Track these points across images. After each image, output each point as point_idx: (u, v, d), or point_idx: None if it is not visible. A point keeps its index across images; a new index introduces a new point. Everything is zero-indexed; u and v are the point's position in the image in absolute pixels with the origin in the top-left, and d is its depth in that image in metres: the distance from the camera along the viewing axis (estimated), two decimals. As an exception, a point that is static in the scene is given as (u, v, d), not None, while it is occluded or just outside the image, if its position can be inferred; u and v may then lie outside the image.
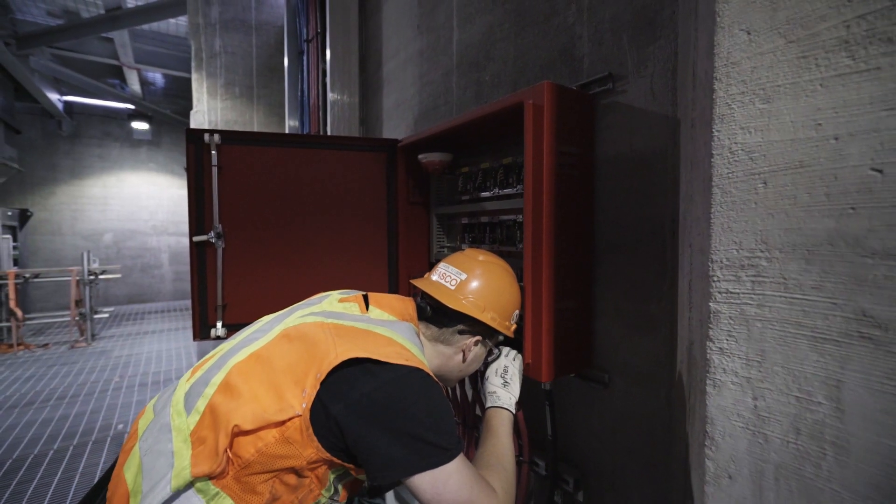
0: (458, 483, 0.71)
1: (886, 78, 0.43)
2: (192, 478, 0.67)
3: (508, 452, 0.88)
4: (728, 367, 0.57)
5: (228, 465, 0.69)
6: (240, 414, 0.68)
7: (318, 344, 0.76)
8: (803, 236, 0.49)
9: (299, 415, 0.69)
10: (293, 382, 0.72)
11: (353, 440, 0.70)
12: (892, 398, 0.43)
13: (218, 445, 0.67)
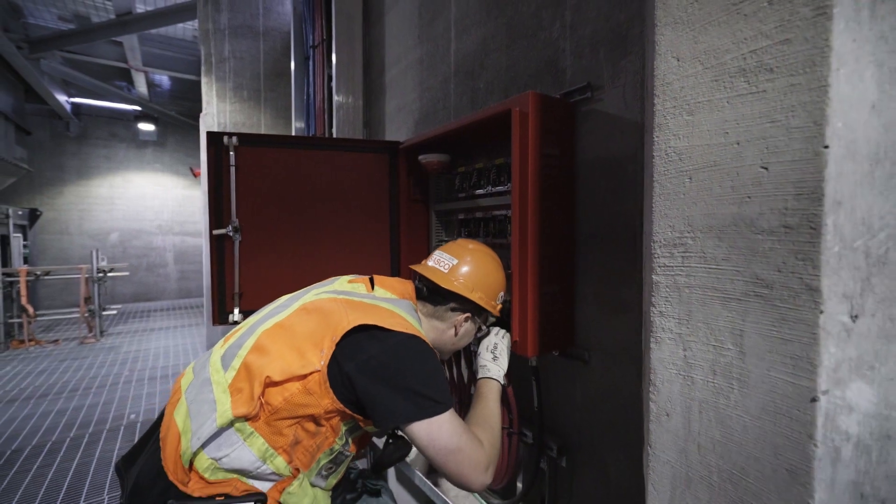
0: (449, 431, 0.85)
1: (769, 98, 0.57)
2: (233, 417, 0.81)
3: (495, 415, 1.02)
4: (665, 326, 0.70)
5: (261, 410, 0.83)
6: (270, 368, 0.83)
7: (333, 314, 0.90)
8: (716, 220, 0.63)
9: (318, 370, 0.83)
10: (313, 345, 0.86)
11: (362, 393, 0.84)
12: (776, 340, 0.57)
13: (253, 393, 0.82)
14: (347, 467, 1.20)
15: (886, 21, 0.52)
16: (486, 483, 0.89)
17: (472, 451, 0.87)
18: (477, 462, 0.86)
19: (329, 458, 0.93)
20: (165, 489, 0.83)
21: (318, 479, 0.94)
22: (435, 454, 0.84)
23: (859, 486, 0.55)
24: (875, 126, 0.53)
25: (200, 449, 0.83)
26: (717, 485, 0.64)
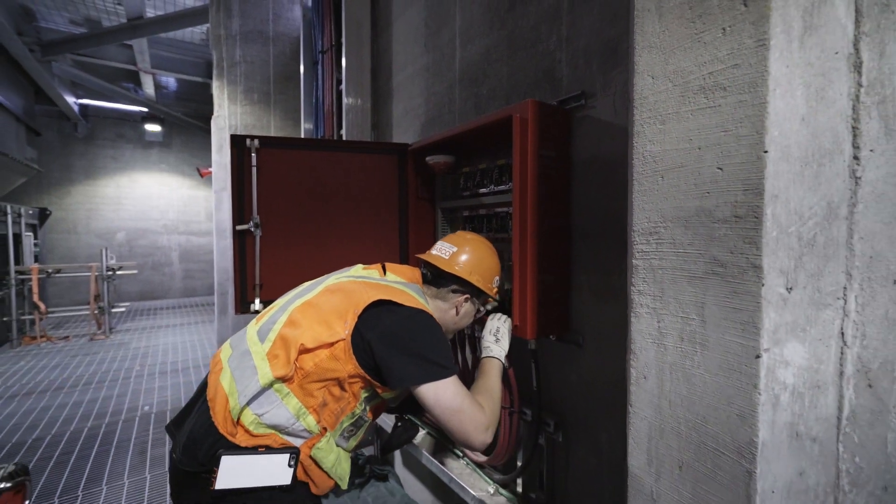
0: (452, 394, 0.98)
1: (723, 112, 0.69)
2: (273, 379, 0.94)
3: (496, 386, 1.15)
4: (643, 302, 0.83)
5: (295, 373, 0.96)
6: (304, 337, 0.96)
7: (354, 293, 1.03)
8: (683, 211, 0.76)
9: (343, 339, 0.97)
10: (338, 317, 0.99)
11: (379, 359, 0.97)
12: (729, 310, 0.70)
13: (289, 358, 0.95)
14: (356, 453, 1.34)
15: (812, 51, 0.65)
16: (486, 442, 1.01)
17: (474, 413, 1.00)
18: (478, 422, 0.99)
19: (351, 421, 1.06)
20: (216, 440, 0.95)
21: (342, 440, 1.07)
22: (440, 413, 0.97)
23: (795, 426, 0.68)
24: (804, 134, 0.66)
25: (246, 406, 0.96)
26: (684, 433, 0.77)
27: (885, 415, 0.69)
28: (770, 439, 0.67)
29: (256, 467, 0.95)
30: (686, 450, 0.76)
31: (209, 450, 0.95)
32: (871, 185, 0.66)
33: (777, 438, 0.67)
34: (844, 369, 0.68)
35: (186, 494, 1.00)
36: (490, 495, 1.67)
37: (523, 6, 1.64)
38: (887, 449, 0.69)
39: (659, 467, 0.81)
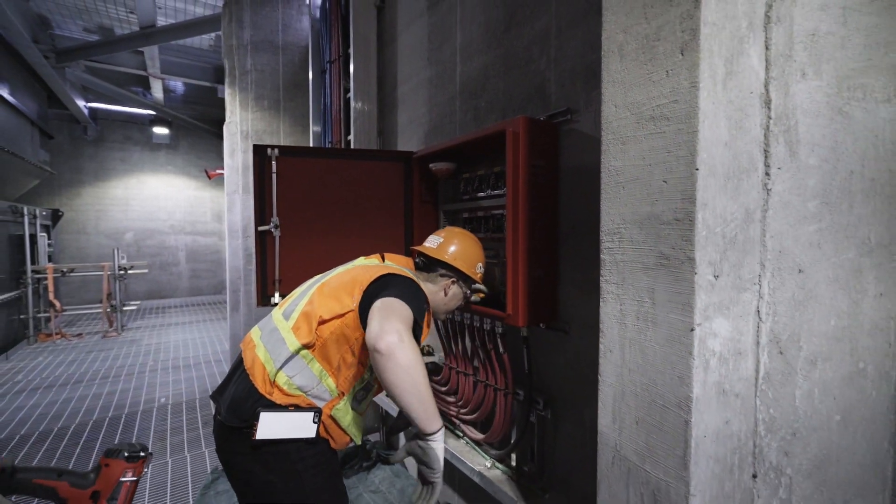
0: (399, 304, 1.12)
1: (667, 137, 0.88)
2: (300, 345, 1.14)
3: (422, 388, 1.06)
4: (609, 290, 1.02)
5: (316, 341, 1.16)
6: (321, 311, 1.17)
7: (360, 274, 1.25)
8: (638, 215, 0.94)
9: (353, 309, 1.16)
10: (347, 293, 1.19)
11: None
12: (672, 293, 0.88)
13: (311, 328, 1.15)
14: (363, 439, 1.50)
15: (733, 91, 0.83)
16: (389, 344, 1.03)
17: (400, 322, 1.07)
18: (397, 329, 1.04)
19: (361, 385, 1.25)
20: (257, 400, 1.14)
21: (355, 403, 1.26)
22: (379, 307, 1.09)
23: (721, 385, 0.86)
24: (727, 156, 0.84)
25: (280, 369, 1.15)
26: (640, 394, 0.95)
27: (792, 376, 0.87)
28: (702, 395, 0.85)
29: (288, 422, 1.13)
30: (641, 408, 0.94)
31: (251, 408, 1.13)
32: (778, 195, 0.84)
33: (707, 394, 0.85)
34: (760, 340, 0.86)
35: (229, 447, 1.18)
36: (487, 469, 1.86)
37: (518, 29, 1.83)
38: (795, 402, 0.87)
39: (621, 423, 0.99)
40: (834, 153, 0.86)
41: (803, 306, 0.86)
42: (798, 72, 0.83)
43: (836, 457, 0.90)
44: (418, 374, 1.06)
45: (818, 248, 0.86)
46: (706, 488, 0.86)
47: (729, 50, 0.82)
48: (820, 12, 0.83)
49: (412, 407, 1.08)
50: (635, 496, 0.96)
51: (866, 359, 0.90)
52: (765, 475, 0.87)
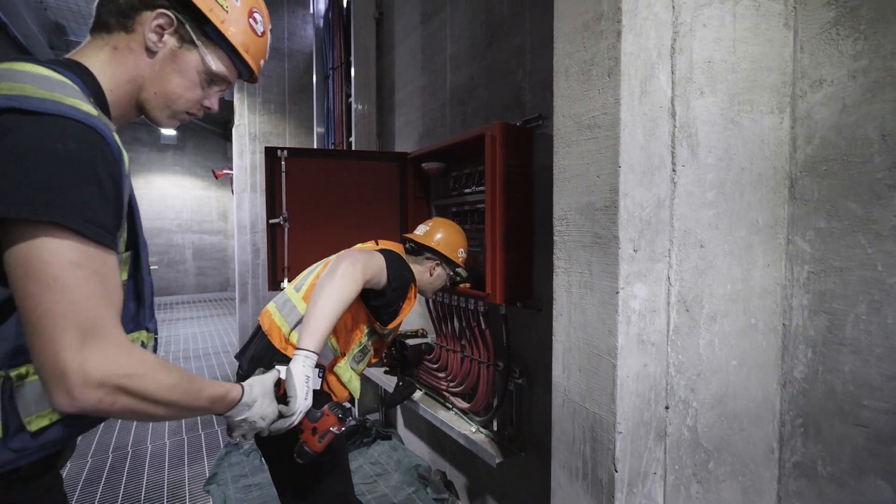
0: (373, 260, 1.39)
1: (599, 141, 1.11)
2: None
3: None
4: (559, 265, 1.25)
5: None
6: None
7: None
8: (580, 204, 1.17)
9: None
10: None
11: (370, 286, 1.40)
12: (603, 265, 1.11)
13: None
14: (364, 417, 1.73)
15: (646, 106, 1.06)
16: (345, 261, 1.29)
17: (366, 262, 1.33)
18: (358, 260, 1.31)
19: (359, 348, 1.48)
20: (274, 354, 1.37)
21: (354, 363, 1.49)
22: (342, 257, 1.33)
23: (640, 336, 1.09)
24: (643, 156, 1.07)
25: (293, 330, 1.39)
26: (581, 347, 1.18)
27: (696, 329, 1.10)
28: (626, 344, 1.08)
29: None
30: (582, 358, 1.18)
31: (269, 361, 1.37)
32: (683, 187, 1.07)
33: (630, 344, 1.09)
34: (670, 300, 1.09)
35: None
36: (472, 433, 2.10)
37: (498, 44, 2.07)
38: (699, 350, 1.10)
39: (568, 373, 1.23)
40: (727, 154, 1.09)
41: (704, 274, 1.10)
42: (697, 91, 1.07)
43: (733, 393, 1.13)
44: (334, 293, 1.21)
45: (716, 228, 1.09)
46: (629, 418, 1.09)
47: (643, 74, 1.05)
48: (714, 44, 1.07)
49: (309, 313, 1.22)
50: (579, 430, 1.20)
51: (757, 316, 1.14)
52: (675, 407, 1.10)
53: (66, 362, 0.55)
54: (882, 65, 0.95)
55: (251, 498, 2.48)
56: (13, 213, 0.54)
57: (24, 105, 0.56)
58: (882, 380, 0.96)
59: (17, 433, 0.61)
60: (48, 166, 0.55)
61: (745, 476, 1.15)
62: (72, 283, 0.56)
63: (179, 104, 0.83)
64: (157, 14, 0.76)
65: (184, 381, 0.70)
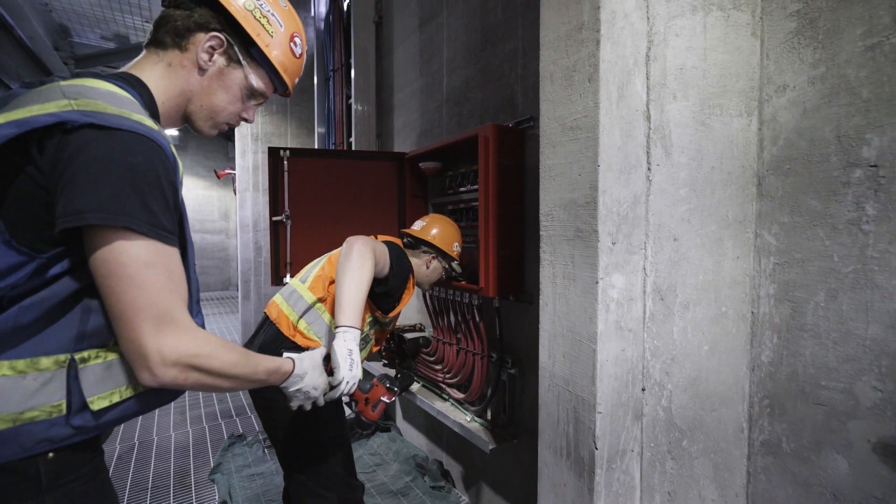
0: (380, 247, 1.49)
1: (580, 142, 1.19)
2: (315, 299, 1.46)
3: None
4: (545, 258, 1.34)
5: (328, 296, 1.48)
6: (331, 274, 1.49)
7: None
8: (564, 201, 1.26)
9: None
10: None
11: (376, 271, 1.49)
12: (585, 257, 1.20)
13: (323, 286, 1.47)
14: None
15: (623, 109, 1.15)
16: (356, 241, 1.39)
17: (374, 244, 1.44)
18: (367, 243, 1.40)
19: (362, 336, 1.57)
20: (282, 342, 1.46)
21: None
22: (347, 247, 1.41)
23: (619, 323, 1.18)
24: (620, 156, 1.15)
25: (300, 318, 1.47)
26: (566, 334, 1.27)
27: (671, 316, 1.18)
28: (605, 330, 1.17)
29: None
30: (565, 345, 1.26)
31: (277, 348, 1.46)
32: (657, 184, 1.16)
33: (609, 330, 1.17)
34: (646, 289, 1.17)
35: None
36: (468, 422, 2.18)
37: (492, 48, 2.15)
38: (673, 336, 1.19)
39: (553, 358, 1.31)
40: (699, 154, 1.17)
41: (678, 265, 1.18)
42: (671, 95, 1.15)
43: (705, 376, 1.21)
44: (356, 272, 1.29)
45: (688, 223, 1.18)
46: (608, 399, 1.18)
47: (620, 79, 1.14)
48: (686, 52, 1.15)
49: (339, 293, 1.29)
50: (563, 412, 1.28)
51: (727, 304, 1.22)
52: (651, 389, 1.19)
53: (146, 347, 0.66)
54: (837, 72, 1.03)
55: (254, 486, 2.57)
56: (94, 220, 0.63)
57: (100, 121, 0.64)
58: (838, 362, 1.05)
59: (79, 411, 0.70)
60: (121, 177, 0.64)
61: (716, 454, 1.23)
62: (146, 280, 0.66)
63: (222, 116, 0.92)
64: (211, 37, 0.85)
65: (244, 358, 0.81)
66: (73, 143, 0.64)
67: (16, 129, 0.62)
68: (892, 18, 0.94)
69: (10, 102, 0.68)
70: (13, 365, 0.66)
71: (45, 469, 0.70)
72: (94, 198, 0.63)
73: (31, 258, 0.65)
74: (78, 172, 0.63)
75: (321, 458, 1.45)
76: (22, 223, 0.65)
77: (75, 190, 0.63)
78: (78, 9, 5.87)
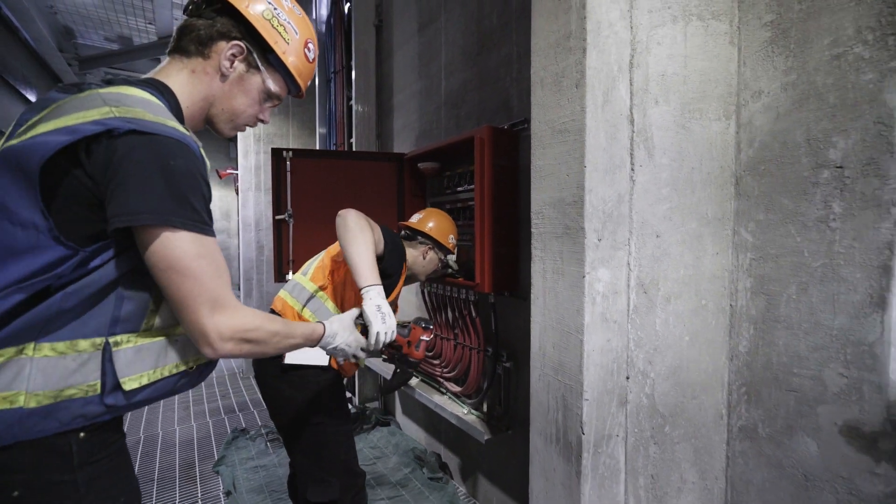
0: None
1: (569, 144, 1.26)
2: (317, 287, 1.54)
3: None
4: (536, 254, 1.41)
5: (329, 284, 1.55)
6: (329, 263, 1.56)
7: None
8: (553, 199, 1.33)
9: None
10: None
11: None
12: (573, 252, 1.27)
13: (325, 275, 1.55)
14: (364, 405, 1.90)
15: (609, 113, 1.22)
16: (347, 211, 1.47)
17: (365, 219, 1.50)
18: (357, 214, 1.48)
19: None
20: None
21: None
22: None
23: (604, 315, 1.25)
24: (606, 157, 1.22)
25: (304, 306, 1.54)
26: (554, 326, 1.34)
27: (653, 308, 1.25)
28: (591, 322, 1.24)
29: (309, 352, 1.53)
30: (555, 336, 1.33)
31: None
32: (640, 184, 1.23)
33: (595, 322, 1.24)
34: (630, 283, 1.24)
35: (265, 371, 1.58)
36: (465, 414, 2.26)
37: (488, 53, 2.23)
38: (656, 327, 1.26)
39: (544, 349, 1.38)
40: (680, 155, 1.24)
41: (660, 260, 1.25)
42: (653, 100, 1.22)
43: (686, 365, 1.28)
44: (359, 236, 1.37)
45: (670, 220, 1.25)
46: (595, 387, 1.25)
47: (605, 85, 1.21)
48: (667, 59, 1.22)
49: (351, 260, 1.36)
50: (553, 400, 1.35)
51: (707, 297, 1.29)
52: (635, 377, 1.26)
53: (205, 327, 0.77)
54: (807, 79, 1.10)
55: (258, 477, 2.64)
56: (148, 221, 0.71)
57: (142, 127, 0.71)
58: (808, 351, 1.12)
59: (112, 391, 0.77)
60: (166, 180, 0.72)
61: (697, 438, 1.30)
62: (198, 270, 0.76)
63: (242, 118, 0.99)
64: (232, 45, 0.91)
65: (284, 327, 0.94)
66: (121, 149, 0.71)
67: (68, 136, 0.69)
68: (856, 30, 1.01)
69: (51, 108, 0.75)
70: (54, 347, 0.73)
71: (77, 448, 0.77)
72: (144, 199, 0.71)
73: (76, 252, 0.72)
74: (128, 176, 0.70)
75: (325, 444, 1.52)
76: (69, 221, 0.72)
77: (128, 192, 0.71)
78: (82, 11, 5.95)
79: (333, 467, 1.52)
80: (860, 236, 1.01)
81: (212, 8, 0.91)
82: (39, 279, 0.70)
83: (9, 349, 0.70)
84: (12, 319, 0.70)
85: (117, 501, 0.84)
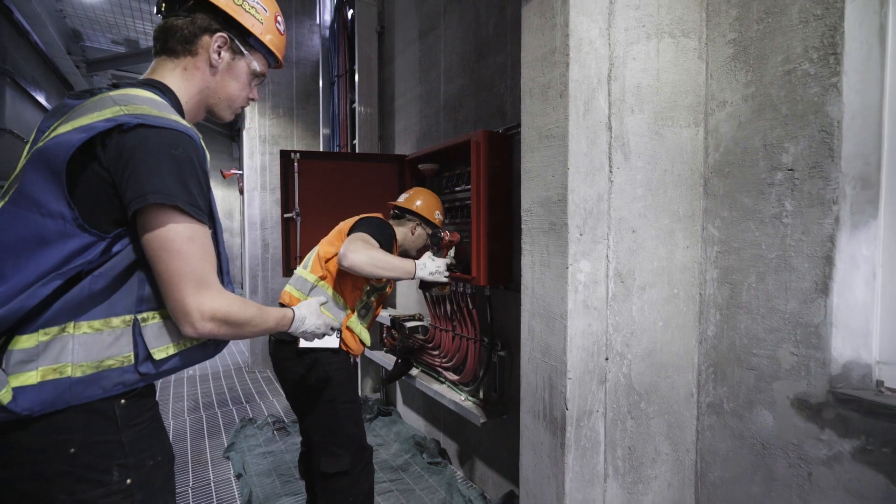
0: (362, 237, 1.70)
1: (554, 148, 1.40)
2: (317, 277, 1.68)
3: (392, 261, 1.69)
4: (525, 248, 1.54)
5: (327, 274, 1.69)
6: (323, 254, 1.70)
7: (343, 224, 1.79)
8: (539, 198, 1.47)
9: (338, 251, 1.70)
10: (338, 239, 1.73)
11: None
12: (557, 246, 1.41)
13: (321, 265, 1.69)
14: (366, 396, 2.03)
15: (589, 121, 1.36)
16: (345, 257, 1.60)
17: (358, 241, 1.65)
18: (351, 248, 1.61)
19: (362, 305, 1.78)
20: None
21: (361, 318, 1.79)
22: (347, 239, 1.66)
23: (586, 302, 1.39)
24: (586, 161, 1.36)
25: (307, 296, 1.68)
26: (542, 313, 1.48)
27: (630, 296, 1.39)
28: (574, 309, 1.38)
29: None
30: (542, 322, 1.47)
31: None
32: (618, 185, 1.37)
33: (577, 308, 1.38)
34: (609, 273, 1.38)
35: (280, 355, 1.72)
36: (462, 401, 2.40)
37: (484, 60, 2.36)
38: (632, 313, 1.40)
39: (532, 334, 1.52)
40: (654, 159, 1.38)
41: (636, 253, 1.39)
42: (629, 109, 1.36)
43: (659, 348, 1.42)
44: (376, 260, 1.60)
45: (645, 217, 1.39)
46: (577, 367, 1.38)
47: (586, 96, 1.35)
48: (642, 73, 1.36)
49: (391, 277, 1.66)
50: (541, 380, 1.49)
51: (679, 287, 1.43)
52: (613, 358, 1.40)
53: (189, 305, 0.83)
54: (763, 91, 1.24)
55: (266, 462, 2.78)
56: (154, 200, 0.79)
57: (149, 122, 0.80)
58: (765, 333, 1.26)
59: (144, 361, 0.88)
60: (169, 167, 0.80)
61: (669, 414, 1.44)
62: (188, 252, 0.82)
63: (238, 102, 1.07)
64: (217, 37, 0.97)
65: (259, 312, 1.01)
66: (131, 141, 0.79)
67: (85, 133, 0.79)
68: (804, 49, 1.15)
69: (67, 113, 0.85)
70: (91, 324, 0.84)
71: (120, 412, 0.90)
72: (151, 182, 0.79)
73: (101, 238, 0.82)
74: (138, 165, 0.80)
75: (336, 419, 1.67)
76: (91, 210, 0.81)
77: (139, 178, 0.80)
78: (91, 14, 6.09)
79: (344, 441, 1.67)
80: (808, 231, 1.15)
81: (185, 5, 0.96)
82: (72, 265, 0.80)
83: (53, 328, 0.81)
84: (53, 302, 0.80)
85: (155, 459, 0.96)
